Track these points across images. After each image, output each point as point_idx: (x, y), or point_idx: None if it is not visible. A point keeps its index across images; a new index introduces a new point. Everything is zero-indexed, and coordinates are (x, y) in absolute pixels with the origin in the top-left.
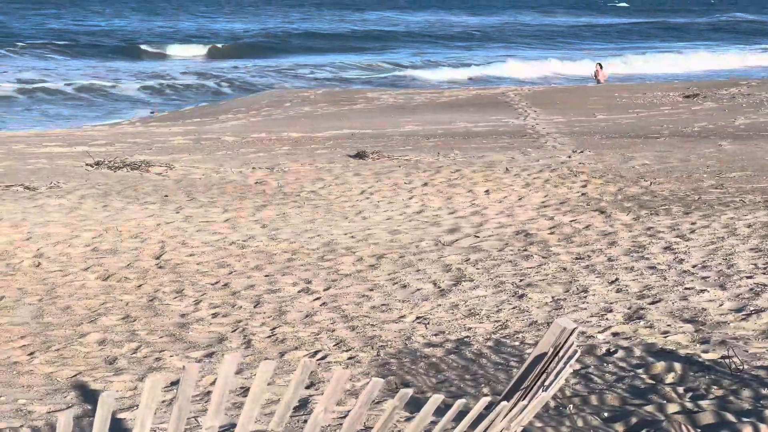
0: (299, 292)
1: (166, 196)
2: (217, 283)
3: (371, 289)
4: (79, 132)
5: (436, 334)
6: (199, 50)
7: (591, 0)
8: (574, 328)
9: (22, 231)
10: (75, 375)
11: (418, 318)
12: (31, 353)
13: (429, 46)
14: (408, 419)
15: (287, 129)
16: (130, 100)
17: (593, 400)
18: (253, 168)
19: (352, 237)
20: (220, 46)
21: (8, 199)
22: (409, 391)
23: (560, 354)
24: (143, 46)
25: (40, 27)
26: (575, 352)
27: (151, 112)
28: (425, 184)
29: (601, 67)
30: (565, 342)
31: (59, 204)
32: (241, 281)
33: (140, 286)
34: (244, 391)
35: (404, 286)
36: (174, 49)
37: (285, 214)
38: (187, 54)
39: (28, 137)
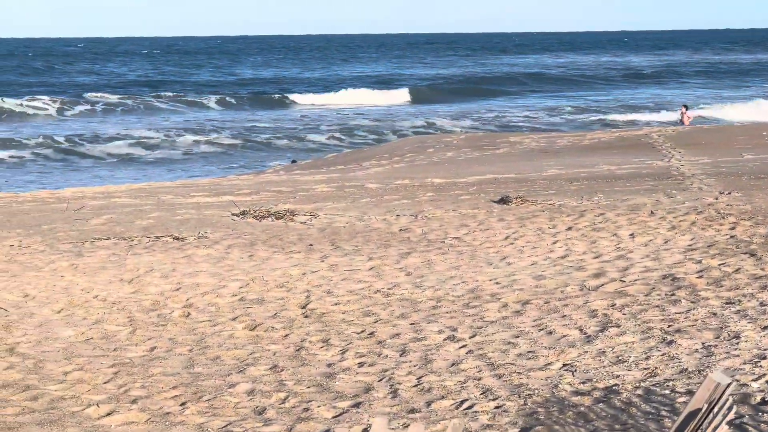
0: (445, 339)
1: (311, 244)
2: (362, 332)
3: (517, 336)
4: (225, 181)
5: (583, 382)
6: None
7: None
8: (729, 383)
9: (172, 281)
10: (225, 425)
11: (564, 365)
12: (183, 403)
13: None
14: None
15: (430, 175)
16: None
17: None
18: (397, 215)
19: (497, 283)
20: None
21: (158, 249)
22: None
23: (715, 410)
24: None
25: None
26: (731, 407)
27: (293, 161)
28: (569, 229)
29: (687, 109)
30: (720, 397)
31: (207, 254)
32: (386, 330)
33: (287, 335)
34: None
35: (550, 333)
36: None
37: (429, 261)
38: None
39: (176, 188)
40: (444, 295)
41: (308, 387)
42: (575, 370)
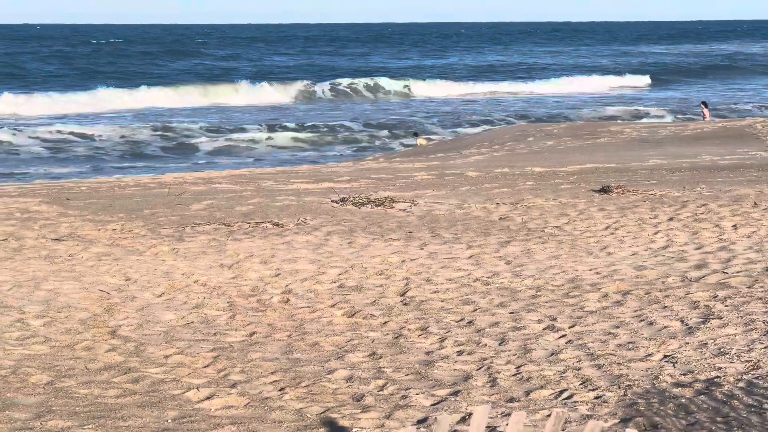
0: (544, 329)
1: (411, 232)
2: (461, 320)
3: (617, 327)
4: (325, 168)
5: (684, 374)
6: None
7: None
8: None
9: (272, 267)
10: (324, 411)
11: (665, 357)
12: (282, 389)
13: None
14: None
15: (531, 164)
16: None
17: None
18: (497, 203)
19: (597, 273)
20: None
21: (258, 235)
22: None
23: None
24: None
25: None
26: None
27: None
28: (671, 219)
29: (706, 106)
30: None
31: (306, 240)
32: (485, 318)
33: (385, 323)
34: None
35: (651, 324)
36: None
37: (529, 250)
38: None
39: (276, 174)
40: (544, 285)
41: (406, 374)
42: (676, 362)
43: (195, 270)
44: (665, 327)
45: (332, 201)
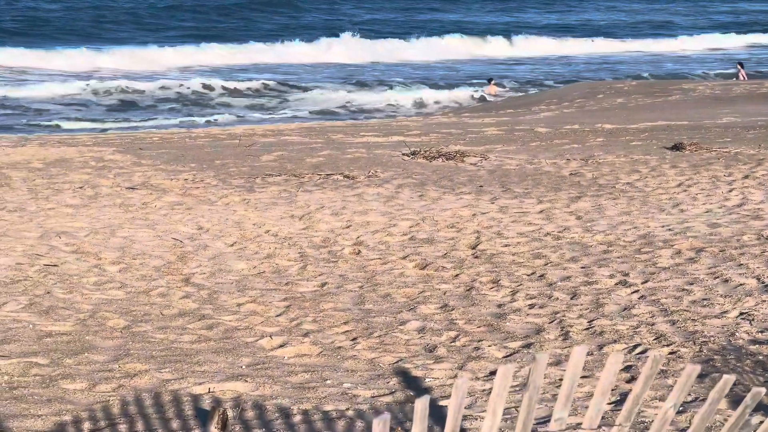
0: (616, 284)
1: (481, 186)
2: (533, 274)
3: (691, 283)
4: (395, 123)
5: (761, 331)
6: None
7: None
8: None
9: (342, 219)
10: (396, 362)
11: (741, 314)
12: (354, 339)
13: None
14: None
15: (601, 120)
16: None
17: None
18: (567, 159)
19: (670, 230)
20: None
21: (328, 187)
22: (732, 378)
23: None
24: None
25: None
26: None
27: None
28: (746, 177)
29: (742, 66)
30: None
31: (377, 193)
32: (557, 272)
33: (457, 275)
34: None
35: (726, 281)
36: None
37: (600, 205)
38: None
39: (345, 127)
40: (615, 240)
41: (478, 327)
42: (753, 319)
43: (266, 220)
44: (741, 284)
45: (403, 154)
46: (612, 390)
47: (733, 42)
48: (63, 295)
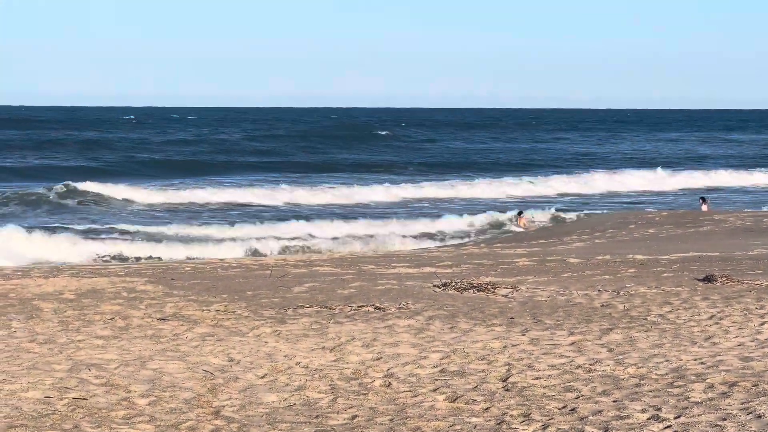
0: (648, 419)
1: (512, 318)
2: (564, 407)
3: (724, 419)
4: (426, 253)
5: None
6: None
7: None
8: None
9: (373, 351)
10: None
11: None
12: None
13: None
14: None
15: (632, 251)
16: None
17: None
18: (599, 291)
19: (702, 363)
20: None
21: (360, 319)
22: None
23: None
24: None
25: None
26: None
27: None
28: None
29: (704, 201)
30: None
31: (408, 324)
32: (588, 406)
33: (487, 408)
34: None
35: (759, 416)
36: None
37: (632, 338)
38: None
39: (377, 258)
40: (647, 373)
41: None
42: None
43: (297, 352)
44: None
45: (434, 285)
46: None
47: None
48: (91, 430)
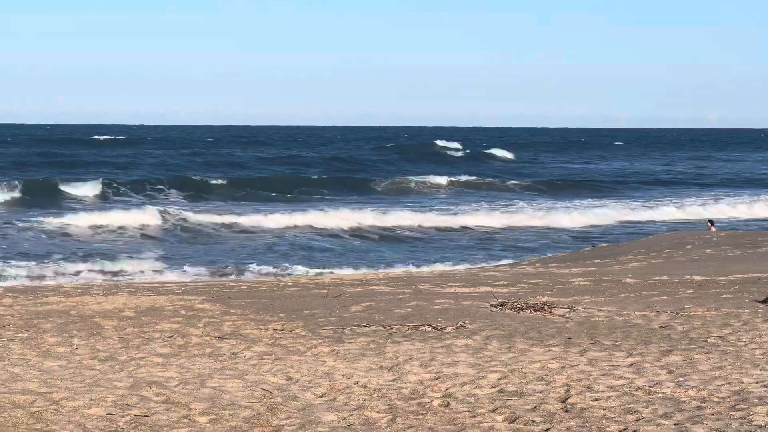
0: None
1: (570, 338)
2: (624, 429)
3: None
4: (481, 272)
5: None
6: None
7: None
8: None
9: (431, 370)
10: None
11: None
12: None
13: None
14: None
15: (690, 271)
16: None
17: None
18: (657, 311)
19: (765, 386)
20: None
21: (417, 338)
22: None
23: None
24: None
25: None
26: None
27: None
28: None
29: (713, 224)
30: None
31: (465, 344)
32: (649, 429)
33: (547, 429)
34: None
35: None
36: None
37: (692, 359)
38: None
39: (433, 277)
40: (708, 396)
41: None
42: None
43: (355, 371)
44: None
45: (491, 305)
46: None
47: None
48: None
